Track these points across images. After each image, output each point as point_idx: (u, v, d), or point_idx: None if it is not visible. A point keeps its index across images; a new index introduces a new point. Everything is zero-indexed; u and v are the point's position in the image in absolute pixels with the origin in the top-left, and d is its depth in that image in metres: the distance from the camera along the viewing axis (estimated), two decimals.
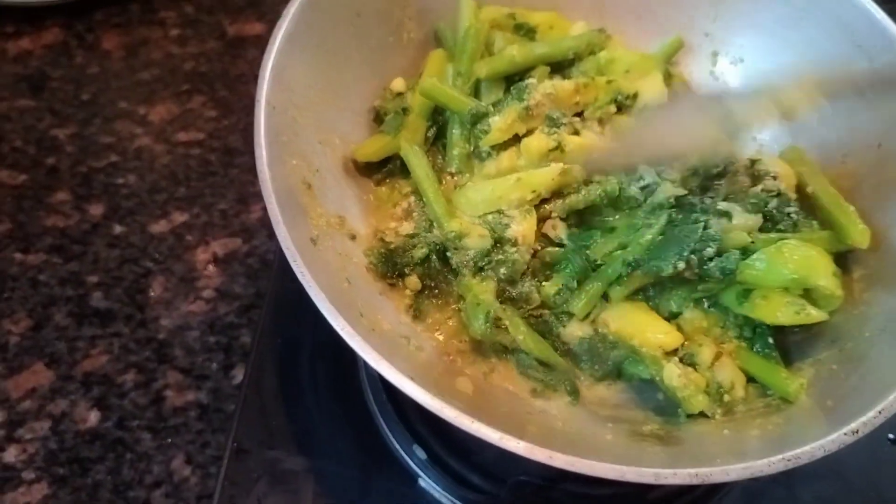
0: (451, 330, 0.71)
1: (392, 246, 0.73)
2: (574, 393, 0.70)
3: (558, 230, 0.74)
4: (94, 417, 0.88)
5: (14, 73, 1.17)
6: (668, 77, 0.83)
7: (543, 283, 0.73)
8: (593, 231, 0.74)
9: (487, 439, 0.52)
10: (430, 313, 0.72)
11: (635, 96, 0.80)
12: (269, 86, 0.64)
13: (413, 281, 0.73)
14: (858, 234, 0.71)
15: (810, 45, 0.80)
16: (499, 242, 0.71)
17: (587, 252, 0.72)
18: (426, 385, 0.53)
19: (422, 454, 0.76)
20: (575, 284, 0.72)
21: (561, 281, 0.72)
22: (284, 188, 0.62)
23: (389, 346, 0.62)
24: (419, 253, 0.72)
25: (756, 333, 0.71)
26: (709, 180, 0.74)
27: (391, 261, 0.73)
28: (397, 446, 0.78)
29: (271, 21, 1.27)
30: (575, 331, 0.72)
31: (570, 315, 0.72)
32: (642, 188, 0.73)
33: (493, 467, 0.74)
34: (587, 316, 0.71)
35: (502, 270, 0.71)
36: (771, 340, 0.70)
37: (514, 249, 0.71)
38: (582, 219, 0.75)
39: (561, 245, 0.74)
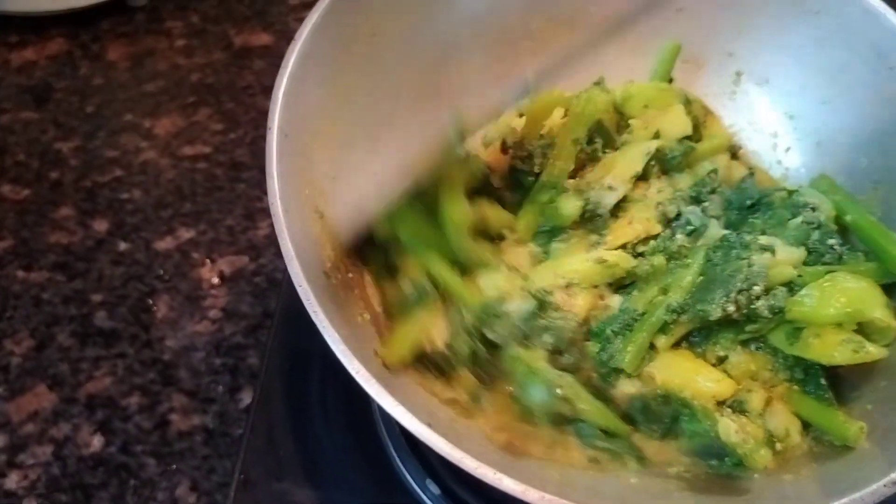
0: (499, 407, 0.66)
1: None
2: (642, 460, 0.64)
3: (613, 303, 0.70)
4: (97, 442, 0.86)
5: (18, 84, 1.15)
6: (688, 103, 0.81)
7: (586, 343, 0.68)
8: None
9: (510, 492, 0.49)
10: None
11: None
12: (281, 112, 0.62)
13: (468, 380, 0.67)
14: None
15: (839, 66, 0.78)
16: (541, 306, 0.67)
17: (627, 304, 0.69)
18: (446, 432, 0.51)
19: (435, 489, 0.74)
20: (619, 340, 0.67)
21: (603, 337, 0.68)
22: (298, 219, 0.59)
23: (408, 387, 0.59)
24: (464, 351, 0.66)
25: (808, 375, 0.66)
26: (744, 212, 0.71)
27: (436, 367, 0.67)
28: (410, 480, 0.76)
29: (278, 31, 1.27)
30: (626, 388, 0.66)
31: (618, 372, 0.67)
32: (689, 233, 0.70)
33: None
34: (637, 370, 0.66)
35: (547, 338, 0.66)
36: (823, 381, 0.66)
37: (558, 314, 0.67)
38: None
39: None
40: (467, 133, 0.71)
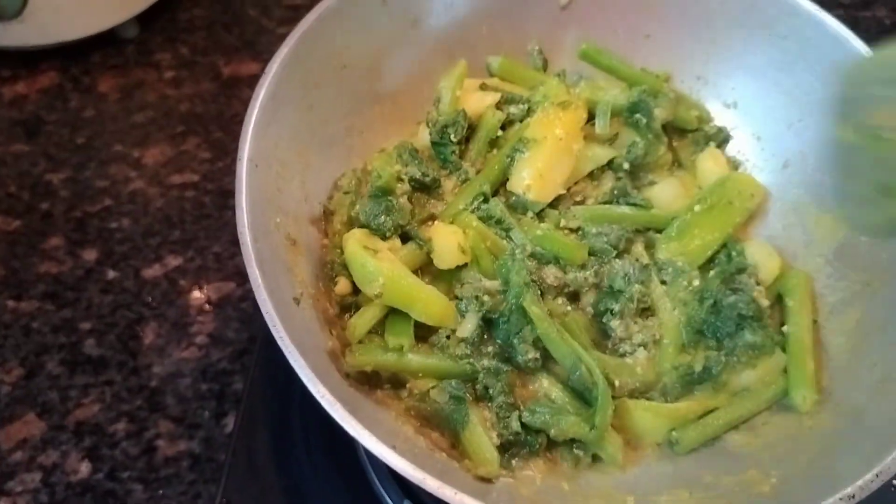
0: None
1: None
2: None
3: None
4: (85, 468, 0.87)
5: (9, 117, 1.17)
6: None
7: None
8: None
9: None
10: None
11: None
12: (251, 143, 0.63)
13: (343, 284, 0.73)
14: (800, 399, 0.69)
15: (804, 89, 0.79)
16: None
17: None
18: (410, 453, 0.52)
19: None
20: None
21: None
22: (268, 247, 0.61)
23: (378, 410, 0.60)
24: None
25: None
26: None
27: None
28: (389, 501, 0.77)
29: (266, 61, 1.24)
30: None
31: None
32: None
33: None
34: None
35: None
36: None
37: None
38: None
39: None
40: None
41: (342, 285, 0.71)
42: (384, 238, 0.72)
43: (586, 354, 0.67)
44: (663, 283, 0.75)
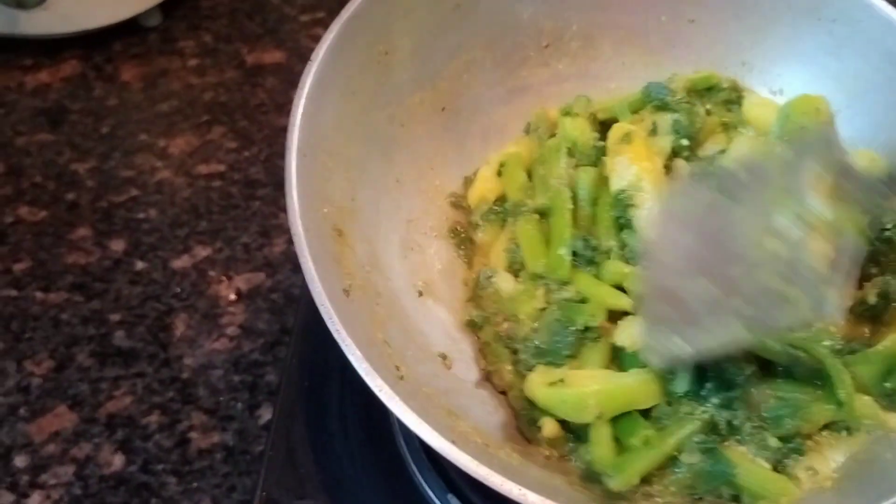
0: None
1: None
2: None
3: None
4: (118, 461, 0.86)
5: (33, 106, 1.16)
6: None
7: None
8: None
9: None
10: None
11: None
12: (299, 132, 0.62)
13: (551, 425, 0.68)
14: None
15: (853, 74, 0.78)
16: None
17: None
18: (470, 448, 0.51)
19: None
20: None
21: None
22: (317, 238, 0.60)
23: (432, 403, 0.59)
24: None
25: None
26: None
27: None
28: (431, 495, 0.76)
29: (290, 49, 1.27)
30: None
31: None
32: None
33: None
34: None
35: None
36: None
37: None
38: None
39: None
40: None
41: (550, 427, 0.67)
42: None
43: (795, 338, 0.64)
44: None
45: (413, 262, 0.77)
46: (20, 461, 0.85)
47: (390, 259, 0.74)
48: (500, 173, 0.83)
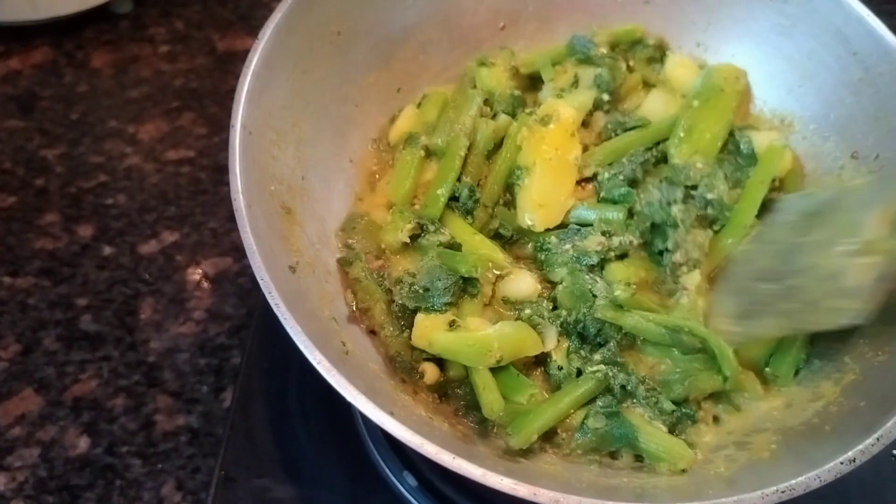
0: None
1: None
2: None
3: None
4: (83, 443, 0.87)
5: (3, 93, 1.16)
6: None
7: None
8: None
9: (469, 476, 0.50)
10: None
11: None
12: (244, 110, 0.63)
13: (432, 370, 0.68)
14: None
15: (804, 53, 0.78)
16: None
17: None
18: (408, 420, 0.52)
19: (412, 480, 0.75)
20: None
21: None
22: (262, 214, 0.60)
23: (376, 377, 0.60)
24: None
25: None
26: None
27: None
28: (388, 472, 0.76)
29: None
30: None
31: None
32: None
33: (485, 493, 0.71)
34: None
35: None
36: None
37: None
38: None
39: None
40: None
41: (431, 372, 0.68)
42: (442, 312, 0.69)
43: (679, 322, 0.67)
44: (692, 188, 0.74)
45: None
46: None
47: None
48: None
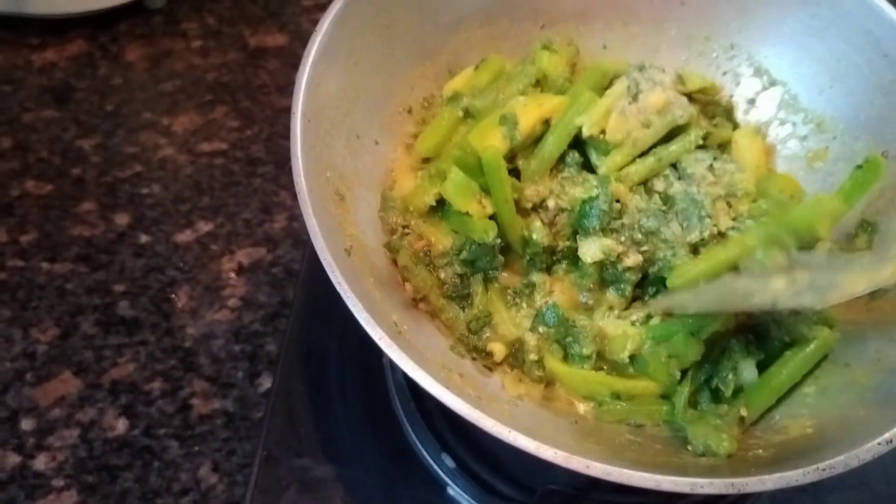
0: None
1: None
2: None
3: None
4: (121, 425, 0.89)
5: (39, 84, 1.19)
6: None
7: None
8: None
9: (525, 449, 0.52)
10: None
11: None
12: (304, 98, 0.65)
13: (499, 349, 0.71)
14: None
15: (836, 55, 0.80)
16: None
17: None
18: (464, 394, 0.54)
19: (450, 462, 0.77)
20: None
21: None
22: (320, 199, 0.62)
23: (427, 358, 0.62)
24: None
25: None
26: None
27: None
28: (426, 454, 0.78)
29: (291, 32, 1.30)
30: None
31: None
32: None
33: (523, 476, 0.74)
34: None
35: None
36: None
37: None
38: None
39: None
40: None
41: (499, 351, 0.71)
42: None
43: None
44: None
45: None
46: (26, 424, 0.88)
47: None
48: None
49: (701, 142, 0.77)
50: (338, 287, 0.56)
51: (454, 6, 0.81)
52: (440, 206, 0.73)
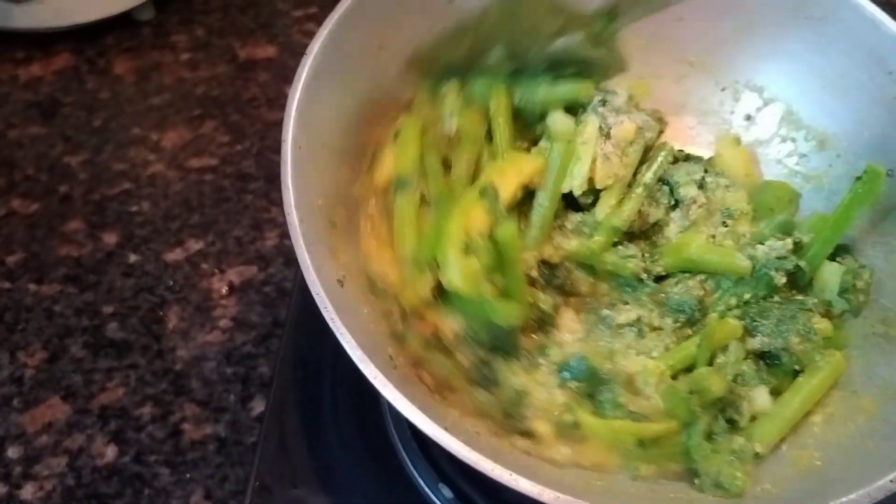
0: None
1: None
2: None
3: None
4: (111, 452, 0.87)
5: (25, 99, 1.17)
6: None
7: None
8: None
9: (527, 493, 0.51)
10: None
11: None
12: (295, 124, 0.63)
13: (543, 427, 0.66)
14: None
15: (838, 72, 0.79)
16: None
17: None
18: (461, 436, 0.52)
19: (448, 493, 0.75)
20: None
21: None
22: (312, 229, 0.60)
23: (423, 393, 0.61)
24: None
25: None
26: None
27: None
28: (423, 484, 0.77)
29: (282, 44, 1.28)
30: None
31: None
32: None
33: None
34: None
35: None
36: None
37: None
38: None
39: None
40: None
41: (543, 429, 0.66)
42: None
43: None
44: None
45: None
46: (13, 452, 0.86)
47: None
48: None
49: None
50: (331, 324, 0.54)
51: (447, 23, 0.79)
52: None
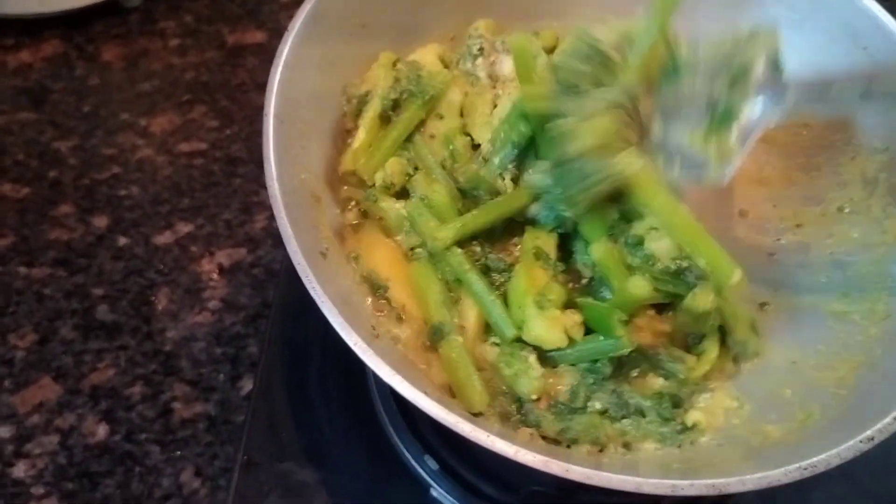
0: None
1: None
2: None
3: None
4: (102, 431, 0.88)
5: (14, 85, 1.17)
6: None
7: None
8: None
9: (503, 454, 0.52)
10: None
11: None
12: (276, 99, 0.64)
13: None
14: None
15: (813, 47, 0.80)
16: None
17: None
18: (441, 399, 0.53)
19: (433, 464, 0.76)
20: None
21: None
22: (294, 203, 0.61)
23: (405, 361, 0.61)
24: None
25: None
26: None
27: None
28: (409, 456, 0.78)
29: (270, 29, 1.29)
30: None
31: None
32: None
33: (507, 477, 0.74)
34: None
35: None
36: None
37: None
38: None
39: None
40: None
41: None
42: None
43: None
44: None
45: None
46: (4, 431, 0.87)
47: None
48: None
49: None
50: (311, 291, 0.55)
51: (430, 6, 0.79)
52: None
